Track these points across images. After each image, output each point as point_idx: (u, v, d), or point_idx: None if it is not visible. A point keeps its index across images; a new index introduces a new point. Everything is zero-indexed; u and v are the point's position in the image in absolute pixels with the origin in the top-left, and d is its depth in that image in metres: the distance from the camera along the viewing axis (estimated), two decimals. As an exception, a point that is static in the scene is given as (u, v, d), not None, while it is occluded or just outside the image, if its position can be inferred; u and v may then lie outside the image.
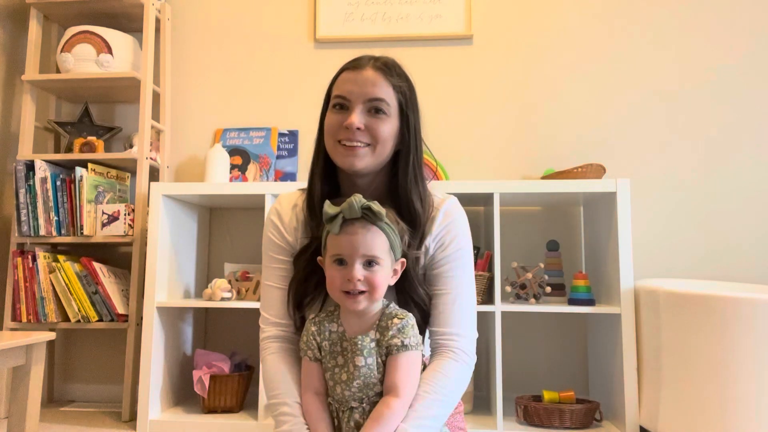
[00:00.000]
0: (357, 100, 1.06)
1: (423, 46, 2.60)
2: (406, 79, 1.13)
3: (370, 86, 1.06)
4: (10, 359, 1.54)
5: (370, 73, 1.08)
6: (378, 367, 0.97)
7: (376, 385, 0.97)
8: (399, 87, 1.10)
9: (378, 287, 0.97)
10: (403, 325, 0.97)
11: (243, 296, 2.22)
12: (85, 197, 2.36)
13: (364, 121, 1.06)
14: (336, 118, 1.08)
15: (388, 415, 0.93)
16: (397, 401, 0.95)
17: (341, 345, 1.00)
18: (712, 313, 1.69)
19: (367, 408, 0.97)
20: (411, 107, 1.11)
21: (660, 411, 1.84)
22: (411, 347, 0.97)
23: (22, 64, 2.54)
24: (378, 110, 1.07)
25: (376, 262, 0.97)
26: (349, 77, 1.08)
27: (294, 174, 2.55)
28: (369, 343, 0.97)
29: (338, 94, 1.09)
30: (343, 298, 0.98)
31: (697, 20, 2.49)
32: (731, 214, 2.39)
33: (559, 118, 2.51)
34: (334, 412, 1.00)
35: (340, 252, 0.97)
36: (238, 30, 2.70)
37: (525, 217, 2.47)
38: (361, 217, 0.97)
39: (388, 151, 1.09)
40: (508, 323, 2.24)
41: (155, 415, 2.12)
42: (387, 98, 1.07)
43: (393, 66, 1.12)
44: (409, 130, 1.10)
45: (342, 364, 0.98)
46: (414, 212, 1.08)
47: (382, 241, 0.98)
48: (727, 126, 2.44)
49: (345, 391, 0.97)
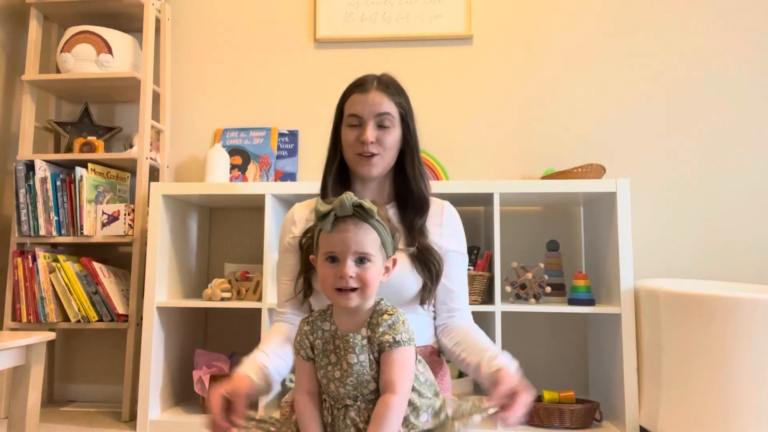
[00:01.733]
0: (368, 117, 1.29)
1: (423, 46, 2.60)
2: (403, 94, 1.34)
3: (377, 105, 1.29)
4: (10, 359, 1.54)
5: (376, 95, 1.30)
6: (371, 364, 0.97)
7: (370, 383, 0.97)
8: (399, 102, 1.32)
9: (370, 284, 0.98)
10: (393, 321, 0.98)
11: (243, 296, 2.22)
12: (85, 197, 2.36)
13: (375, 134, 1.28)
14: (353, 134, 1.30)
15: (387, 415, 0.94)
16: (395, 398, 0.95)
17: (334, 343, 1.00)
18: (712, 313, 1.69)
19: (362, 406, 0.97)
20: (409, 116, 1.34)
21: (660, 411, 1.84)
22: (403, 343, 0.97)
23: (22, 64, 2.54)
24: (385, 124, 1.30)
25: (368, 259, 0.98)
26: (360, 99, 1.30)
27: (294, 174, 2.55)
28: (360, 340, 0.98)
29: (352, 113, 1.31)
30: (335, 295, 0.98)
31: (697, 20, 2.49)
32: (731, 214, 2.39)
33: (559, 118, 2.51)
34: (329, 409, 1.00)
35: (332, 249, 0.98)
36: (237, 30, 2.70)
37: (525, 217, 2.47)
38: (352, 215, 0.98)
39: (394, 154, 1.32)
40: (508, 323, 2.23)
41: (155, 415, 2.12)
42: (391, 112, 1.30)
43: (393, 84, 1.33)
44: (410, 134, 1.34)
45: (335, 362, 0.99)
46: (422, 196, 1.32)
47: (373, 238, 0.99)
48: (727, 126, 2.44)
49: (339, 388, 0.98)
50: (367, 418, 0.96)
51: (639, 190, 2.38)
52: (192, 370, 2.20)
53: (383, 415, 0.94)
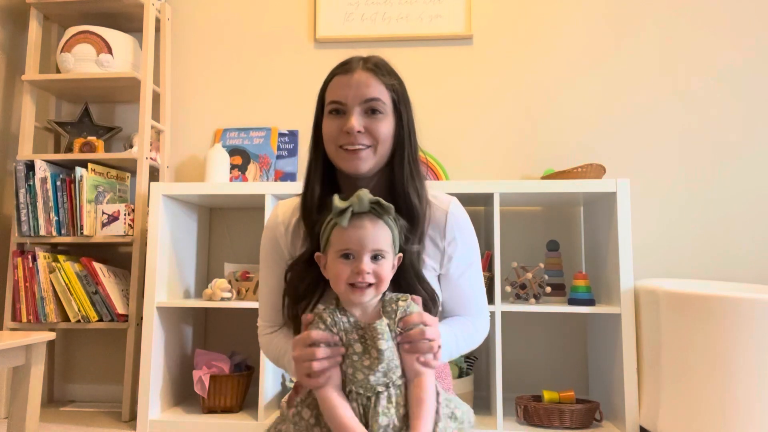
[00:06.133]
0: (353, 102, 1.08)
1: (423, 46, 2.60)
2: (396, 76, 1.13)
3: (364, 87, 1.08)
4: (10, 359, 1.54)
5: (362, 75, 1.09)
6: (395, 349, 0.99)
7: (398, 368, 0.99)
8: (391, 85, 1.11)
9: (384, 279, 0.99)
10: (408, 305, 1.01)
11: (243, 296, 2.22)
12: (85, 197, 2.36)
13: (363, 123, 1.07)
14: (335, 124, 1.09)
15: (424, 397, 0.96)
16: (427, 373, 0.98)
17: (357, 332, 1.00)
18: (712, 313, 1.69)
19: (394, 392, 0.98)
20: (403, 103, 1.12)
21: (660, 411, 1.84)
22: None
23: (22, 64, 2.54)
24: (375, 110, 1.08)
25: (382, 256, 1.00)
26: (342, 81, 1.10)
27: (294, 174, 2.55)
28: (385, 326, 0.99)
29: (333, 99, 1.10)
30: (350, 291, 0.99)
31: (698, 20, 2.49)
32: (731, 214, 2.39)
33: (559, 118, 2.51)
34: (357, 401, 0.99)
35: (348, 246, 0.99)
36: (238, 30, 2.70)
37: (525, 217, 2.47)
38: (368, 212, 0.99)
39: (388, 149, 1.11)
40: (508, 323, 2.24)
41: (155, 415, 2.12)
42: (382, 97, 1.09)
43: (382, 65, 1.13)
44: (402, 126, 1.12)
45: (361, 351, 0.99)
46: (411, 207, 1.09)
47: (387, 235, 1.00)
48: (727, 126, 2.44)
49: (370, 376, 0.97)
50: (397, 402, 0.97)
51: (639, 190, 2.38)
52: (192, 370, 2.20)
53: (421, 399, 0.96)
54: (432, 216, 1.14)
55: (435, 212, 1.14)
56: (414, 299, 1.02)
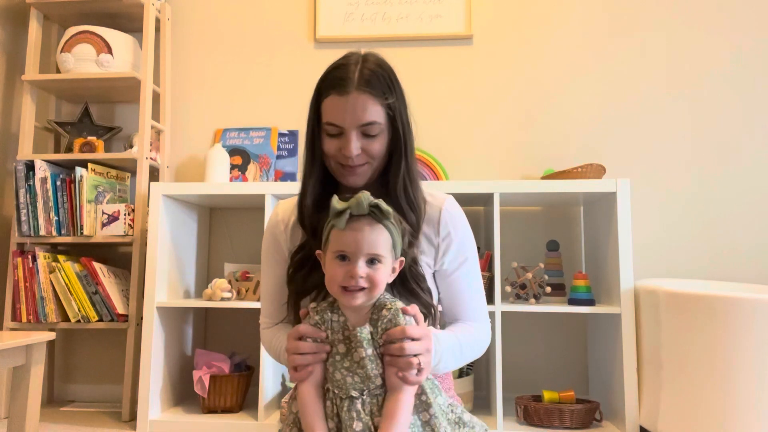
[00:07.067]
0: (350, 126, 1.09)
1: (423, 46, 2.60)
2: (392, 87, 1.12)
3: (360, 112, 1.08)
4: (10, 359, 1.54)
5: (358, 98, 1.08)
6: (376, 358, 0.98)
7: (377, 377, 0.98)
8: (387, 103, 1.10)
9: (378, 285, 0.98)
10: (393, 314, 0.99)
11: (243, 296, 2.22)
12: (85, 197, 2.36)
13: (359, 145, 1.09)
14: (333, 145, 1.12)
15: (396, 413, 0.95)
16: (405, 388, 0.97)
17: (343, 333, 1.00)
18: (712, 313, 1.69)
19: (368, 400, 0.97)
20: (399, 116, 1.12)
21: (660, 411, 1.84)
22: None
23: (22, 64, 2.54)
24: (370, 133, 1.10)
25: (379, 260, 0.98)
26: (338, 104, 1.09)
27: (294, 174, 2.55)
28: (366, 334, 0.98)
29: (330, 121, 1.11)
30: (341, 293, 0.98)
31: (698, 21, 2.49)
32: (731, 214, 2.39)
33: (559, 118, 2.51)
34: (333, 400, 1.00)
35: (343, 248, 0.98)
36: (238, 30, 2.70)
37: (525, 217, 2.47)
38: (367, 215, 0.98)
39: (384, 160, 1.14)
40: (508, 323, 2.23)
41: (155, 415, 2.12)
42: (378, 119, 1.09)
43: (378, 76, 1.11)
44: (398, 138, 1.12)
45: (344, 352, 0.99)
46: (402, 214, 1.09)
47: (385, 239, 0.99)
48: (727, 126, 2.44)
49: (347, 377, 0.98)
50: (371, 411, 0.97)
51: (639, 190, 2.38)
52: (192, 370, 2.19)
53: (395, 412, 0.95)
54: (426, 213, 1.15)
55: (429, 209, 1.16)
56: (405, 310, 1.00)
